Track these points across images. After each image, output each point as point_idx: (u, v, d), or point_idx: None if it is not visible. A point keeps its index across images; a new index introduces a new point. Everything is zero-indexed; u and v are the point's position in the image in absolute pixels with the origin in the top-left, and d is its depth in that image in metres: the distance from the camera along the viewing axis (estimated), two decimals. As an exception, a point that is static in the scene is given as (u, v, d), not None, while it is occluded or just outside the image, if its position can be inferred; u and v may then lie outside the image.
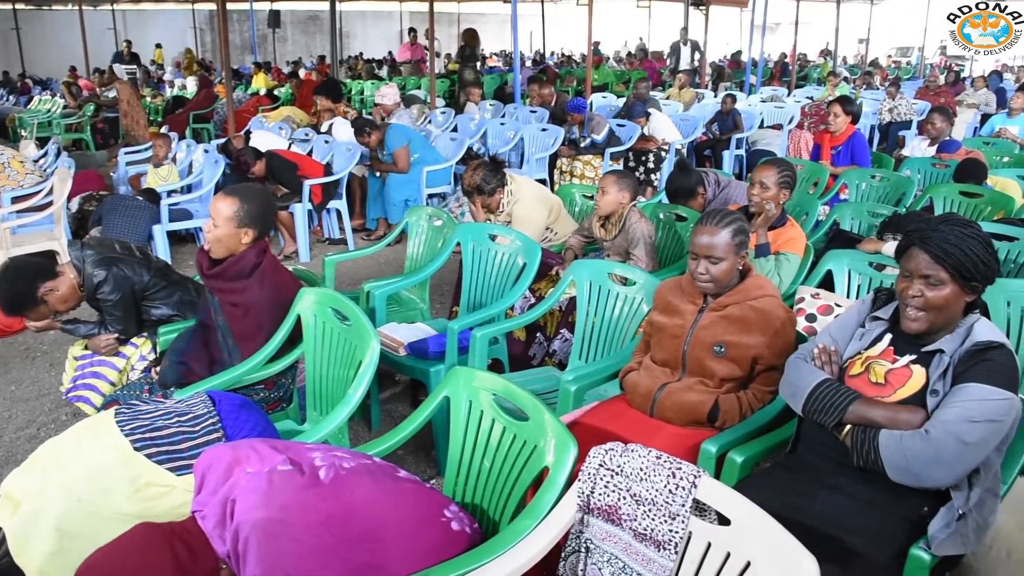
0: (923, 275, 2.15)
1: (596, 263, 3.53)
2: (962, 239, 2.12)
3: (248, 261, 3.06)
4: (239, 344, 3.08)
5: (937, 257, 2.13)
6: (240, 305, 3.08)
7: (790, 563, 1.56)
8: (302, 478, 1.92)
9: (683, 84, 12.03)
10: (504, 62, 24.07)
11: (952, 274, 2.12)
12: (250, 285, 3.05)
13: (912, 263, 2.18)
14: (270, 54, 24.38)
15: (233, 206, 3.01)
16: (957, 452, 1.99)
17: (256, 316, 3.07)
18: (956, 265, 2.11)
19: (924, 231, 2.17)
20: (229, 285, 3.08)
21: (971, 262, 2.11)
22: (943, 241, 2.12)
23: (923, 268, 2.15)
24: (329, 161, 7.43)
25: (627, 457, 1.87)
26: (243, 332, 3.09)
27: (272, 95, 14.06)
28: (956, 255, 2.11)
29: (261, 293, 3.06)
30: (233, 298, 3.08)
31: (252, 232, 3.05)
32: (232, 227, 3.01)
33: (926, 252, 2.14)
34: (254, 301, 3.06)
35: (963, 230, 2.14)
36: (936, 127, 6.88)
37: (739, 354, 2.59)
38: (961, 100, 12.06)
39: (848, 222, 4.81)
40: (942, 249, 2.12)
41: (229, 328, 3.11)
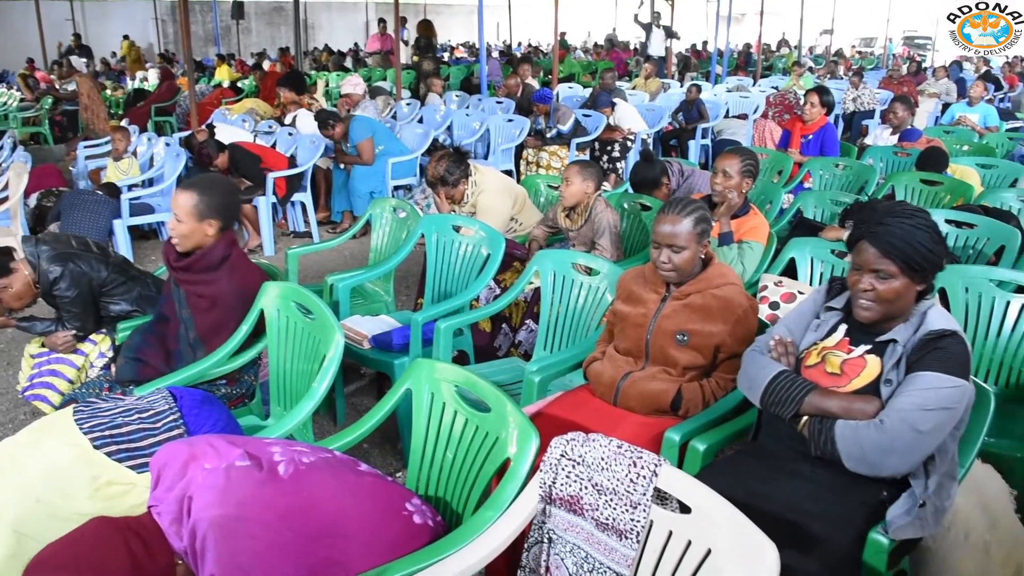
0: (873, 269, 2.15)
1: (560, 253, 3.53)
2: (909, 231, 2.12)
3: (217, 254, 3.01)
4: (203, 338, 3.03)
5: (885, 251, 2.12)
6: (207, 297, 3.04)
7: (750, 550, 1.57)
8: (260, 474, 1.89)
9: (649, 74, 12.05)
10: (471, 53, 23.97)
11: (901, 267, 2.12)
12: (219, 278, 3.02)
13: (861, 257, 2.18)
14: (234, 46, 24.11)
15: (193, 199, 2.96)
16: (911, 440, 2.01)
17: (223, 310, 3.03)
18: (904, 258, 2.11)
19: (872, 225, 2.16)
20: (197, 277, 3.04)
21: (919, 254, 2.11)
22: (889, 235, 2.12)
23: (872, 262, 2.15)
24: (293, 153, 7.36)
25: (588, 447, 1.86)
26: (209, 326, 3.04)
27: (236, 87, 13.88)
28: (904, 248, 2.11)
29: (229, 286, 3.02)
30: (200, 290, 3.04)
31: (216, 223, 3.00)
32: (195, 220, 2.96)
33: (874, 246, 2.14)
34: (221, 294, 3.02)
35: (910, 222, 2.13)
36: (898, 116, 6.94)
37: (702, 342, 2.60)
38: (923, 90, 12.21)
39: (811, 210, 4.84)
40: (889, 243, 2.12)
41: (194, 321, 3.06)
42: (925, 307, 2.20)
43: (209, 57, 20.66)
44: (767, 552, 1.54)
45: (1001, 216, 4.35)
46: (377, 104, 9.24)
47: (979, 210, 4.39)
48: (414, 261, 4.68)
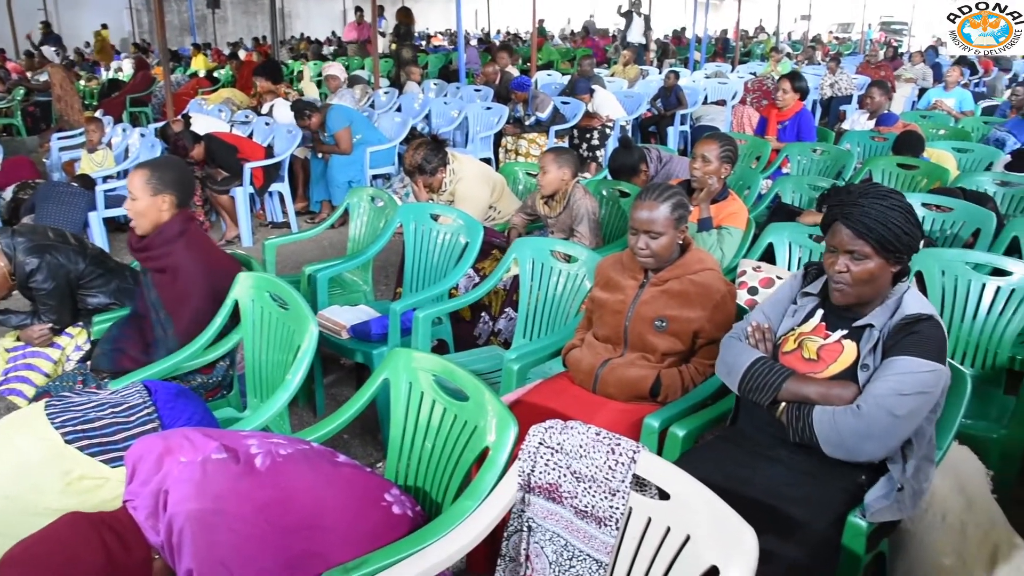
0: (847, 250, 2.14)
1: (538, 240, 3.52)
2: (883, 212, 2.11)
3: (173, 228, 3.03)
4: (171, 314, 3.03)
5: (859, 232, 2.12)
6: (168, 270, 3.04)
7: (729, 535, 1.57)
8: (237, 466, 1.87)
9: (627, 61, 12.04)
10: (449, 41, 23.87)
11: (875, 248, 2.11)
12: (175, 248, 3.02)
13: (836, 239, 2.17)
14: (210, 35, 23.87)
15: (145, 175, 3.00)
16: (888, 425, 2.01)
17: (185, 279, 3.02)
18: (879, 239, 2.10)
19: (846, 206, 2.16)
20: (156, 253, 3.05)
21: (893, 235, 2.10)
22: (864, 216, 2.11)
23: (847, 243, 2.14)
24: (270, 143, 7.30)
25: (567, 434, 1.86)
26: (173, 298, 3.04)
27: (212, 77, 13.76)
28: (878, 229, 2.10)
29: (188, 255, 3.02)
30: (160, 263, 3.05)
31: (169, 197, 3.02)
32: (148, 195, 2.99)
33: (848, 227, 2.13)
34: (181, 263, 3.02)
35: (884, 203, 2.13)
36: (875, 100, 6.96)
37: (680, 328, 2.60)
38: (899, 75, 12.26)
39: (789, 195, 4.86)
40: (864, 224, 2.11)
41: (160, 300, 3.06)
42: (901, 291, 2.20)
43: (185, 47, 20.46)
44: (746, 537, 1.54)
45: (977, 199, 4.38)
46: (354, 93, 9.17)
47: (958, 193, 4.42)
48: (393, 250, 4.65)
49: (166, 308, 3.03)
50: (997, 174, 5.06)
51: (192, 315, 3.00)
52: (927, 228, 4.17)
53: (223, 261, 3.17)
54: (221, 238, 6.74)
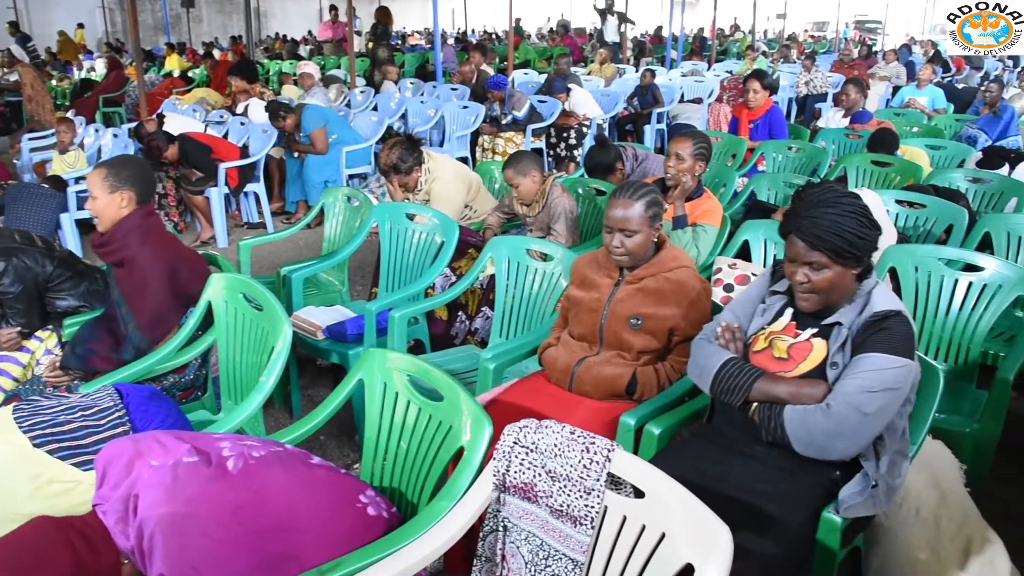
0: (805, 262, 2.14)
1: (514, 239, 3.51)
2: (835, 221, 2.09)
3: (131, 222, 3.03)
4: (131, 307, 3.02)
5: (813, 244, 2.11)
6: (125, 262, 3.04)
7: (704, 533, 1.56)
8: (209, 469, 1.85)
9: (604, 59, 12.06)
10: (427, 40, 23.82)
11: (832, 257, 2.11)
12: (131, 241, 3.02)
13: (792, 250, 2.17)
14: (184, 35, 23.67)
15: (102, 173, 3.02)
16: (858, 423, 2.02)
17: (140, 270, 3.01)
18: (833, 248, 2.09)
19: (798, 218, 2.15)
20: (113, 246, 3.05)
21: (847, 242, 2.09)
22: (815, 227, 2.10)
23: (803, 255, 2.14)
24: (245, 143, 7.25)
25: (541, 434, 1.85)
26: (131, 291, 3.02)
27: (186, 77, 13.64)
28: (831, 240, 2.09)
29: (144, 247, 3.01)
30: (118, 256, 3.05)
31: (128, 193, 3.02)
32: (106, 193, 3.00)
33: (802, 240, 2.13)
34: (136, 254, 3.01)
35: (834, 210, 2.11)
36: (850, 98, 7.01)
37: (656, 326, 2.60)
38: (874, 73, 12.35)
39: (765, 193, 4.88)
40: (815, 236, 2.10)
41: (122, 295, 3.05)
42: (869, 287, 2.20)
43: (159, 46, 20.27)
44: (721, 535, 1.54)
45: (949, 196, 4.42)
46: (328, 92, 9.12)
47: (929, 190, 4.46)
48: (370, 250, 4.63)
49: (127, 303, 3.02)
50: (969, 171, 5.11)
51: (153, 306, 2.98)
52: (901, 225, 4.20)
53: (185, 256, 3.16)
54: (196, 239, 6.69)
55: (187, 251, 3.23)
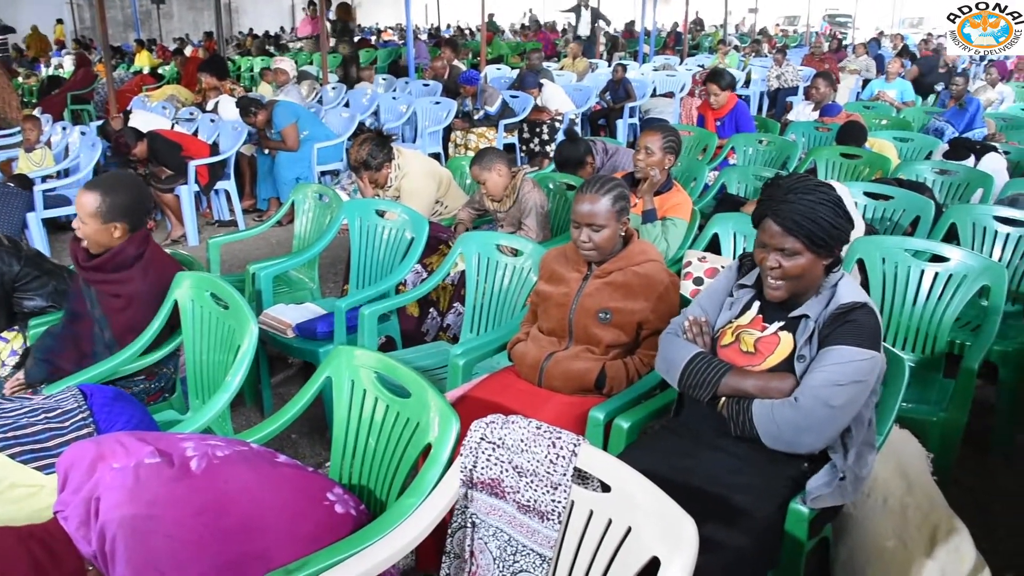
0: (778, 247, 2.15)
1: (484, 235, 3.51)
2: (812, 207, 2.11)
3: (128, 253, 2.88)
4: (119, 339, 2.90)
5: (789, 229, 2.12)
6: (122, 297, 2.91)
7: (670, 526, 1.57)
8: (171, 470, 1.83)
9: (576, 54, 12.07)
10: (399, 36, 23.72)
11: (806, 243, 2.12)
12: (132, 276, 2.89)
13: (766, 235, 2.17)
14: (155, 31, 23.43)
15: (95, 202, 2.80)
16: (825, 416, 2.03)
17: (139, 308, 2.91)
18: (808, 234, 2.11)
19: (775, 202, 2.15)
20: (109, 277, 2.90)
21: (822, 229, 2.11)
22: (793, 212, 2.11)
23: (777, 240, 2.14)
24: (216, 141, 7.19)
25: (508, 429, 1.85)
26: (124, 325, 2.91)
27: (156, 74, 13.50)
28: (807, 225, 2.10)
29: (145, 284, 2.90)
30: (114, 289, 2.91)
31: (122, 226, 2.85)
32: (98, 223, 2.81)
33: (778, 224, 2.13)
34: (137, 292, 2.90)
35: (811, 197, 2.13)
36: (820, 91, 7.05)
37: (624, 320, 2.60)
38: (844, 66, 12.44)
39: (735, 186, 4.90)
40: (792, 220, 2.11)
41: (108, 321, 2.93)
42: (835, 280, 2.21)
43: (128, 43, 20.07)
44: (686, 527, 1.54)
45: (915, 188, 4.46)
46: (301, 89, 9.06)
47: (896, 183, 4.50)
48: (342, 247, 4.60)
49: (112, 331, 2.91)
50: (936, 163, 5.16)
51: (132, 321, 2.90)
52: (868, 217, 4.24)
53: (171, 270, 3.00)
54: (166, 237, 6.64)
55: (172, 265, 3.07)
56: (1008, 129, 6.89)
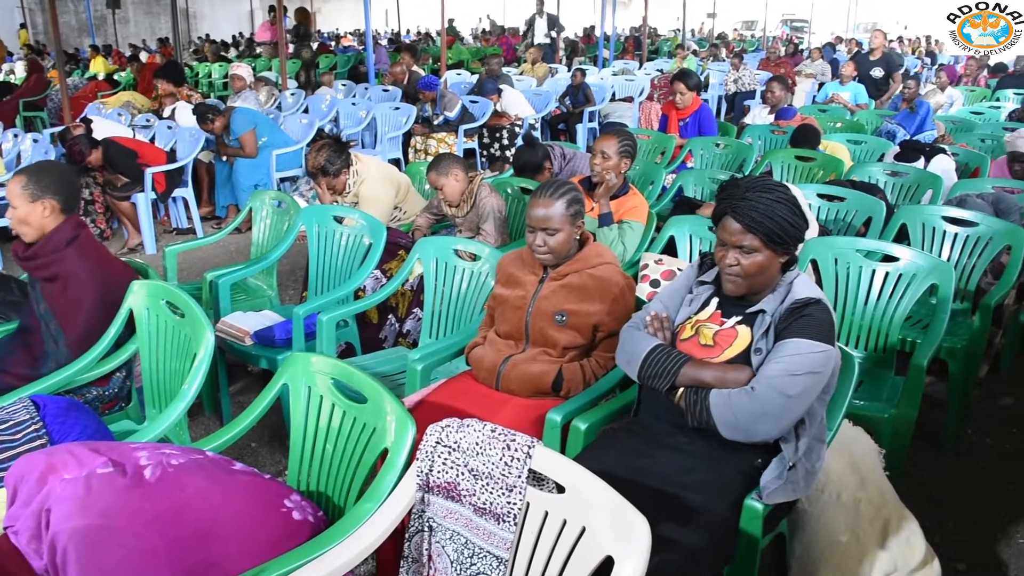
0: (737, 245, 2.20)
1: (441, 240, 3.52)
2: (770, 205, 2.17)
3: (63, 235, 2.91)
4: (62, 325, 2.90)
5: (748, 226, 2.17)
6: (59, 278, 2.91)
7: (622, 525, 1.59)
8: (124, 479, 1.82)
9: (535, 59, 12.11)
10: (359, 41, 23.62)
11: (764, 241, 2.17)
12: (67, 255, 2.90)
13: (725, 233, 2.23)
14: (110, 36, 23.08)
15: (21, 182, 2.88)
16: (781, 405, 2.07)
17: (76, 288, 2.90)
18: (766, 232, 2.16)
19: (734, 200, 2.21)
20: (45, 260, 2.91)
21: (780, 227, 2.17)
22: (751, 210, 2.17)
23: (736, 237, 2.20)
24: (173, 147, 7.11)
25: (463, 433, 1.86)
26: (64, 308, 2.91)
27: (112, 80, 13.32)
28: (765, 223, 2.16)
29: (80, 264, 2.90)
30: (51, 271, 2.91)
31: (51, 202, 2.88)
32: (26, 202, 2.86)
33: (737, 222, 2.19)
34: (72, 271, 2.89)
35: (770, 196, 2.19)
36: (775, 95, 7.16)
37: (580, 322, 2.62)
38: (800, 70, 12.62)
39: (691, 189, 4.96)
40: (751, 218, 2.17)
41: (51, 310, 2.92)
42: (791, 277, 2.27)
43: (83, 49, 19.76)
44: (638, 526, 1.56)
45: (868, 189, 4.55)
46: (259, 95, 9.00)
47: (848, 184, 4.58)
48: (301, 254, 4.58)
49: (57, 319, 2.89)
50: (888, 164, 5.27)
51: (85, 325, 2.87)
52: (822, 218, 4.31)
53: (119, 270, 3.04)
54: (123, 246, 6.55)
55: (119, 265, 3.11)
56: (957, 132, 7.04)
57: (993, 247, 3.80)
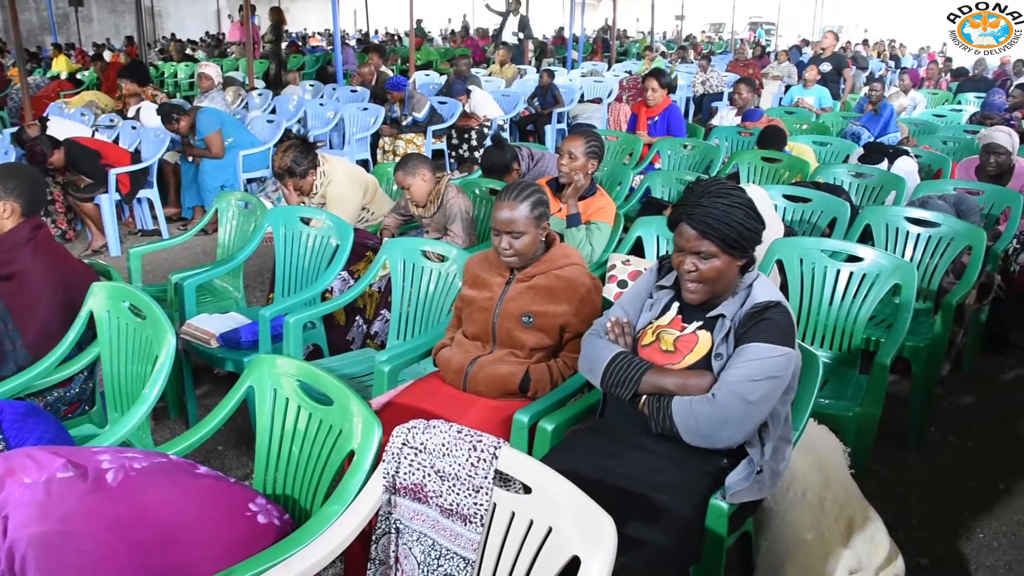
0: (694, 251, 2.19)
1: (409, 241, 3.50)
2: (725, 210, 2.16)
3: (20, 235, 2.88)
4: (19, 325, 2.85)
5: (704, 232, 2.16)
6: (15, 277, 2.87)
7: (589, 525, 1.59)
8: (85, 484, 1.79)
9: (503, 60, 12.11)
10: (327, 41, 23.48)
11: (721, 246, 2.17)
12: (22, 254, 2.87)
13: (682, 239, 2.22)
14: (73, 35, 22.74)
15: None
16: (743, 411, 2.08)
17: (33, 287, 2.86)
18: (722, 237, 2.16)
19: (689, 207, 2.20)
20: (1, 259, 2.88)
21: (736, 232, 2.16)
22: (707, 216, 2.16)
23: (693, 244, 2.19)
24: (137, 148, 7.02)
25: (429, 434, 1.85)
26: (21, 308, 2.86)
27: (75, 79, 13.13)
28: (721, 228, 2.15)
29: (35, 263, 2.87)
30: (6, 270, 2.87)
31: (12, 205, 2.88)
32: None
33: (693, 228, 2.18)
34: (27, 270, 2.86)
35: (725, 200, 2.18)
36: (742, 97, 7.22)
37: (547, 323, 2.63)
38: (767, 72, 12.74)
39: (659, 190, 4.98)
40: (707, 224, 2.16)
41: (7, 310, 2.87)
42: (750, 280, 2.27)
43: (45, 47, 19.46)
44: (605, 525, 1.57)
45: (833, 191, 4.60)
46: (226, 95, 8.91)
47: (813, 186, 4.63)
48: (269, 256, 4.54)
49: (14, 319, 2.85)
50: (852, 166, 5.33)
51: (42, 326, 2.84)
52: (788, 219, 4.35)
53: (78, 270, 3.00)
54: (87, 248, 6.47)
55: (79, 265, 3.08)
56: (920, 134, 7.15)
57: (954, 247, 3.86)
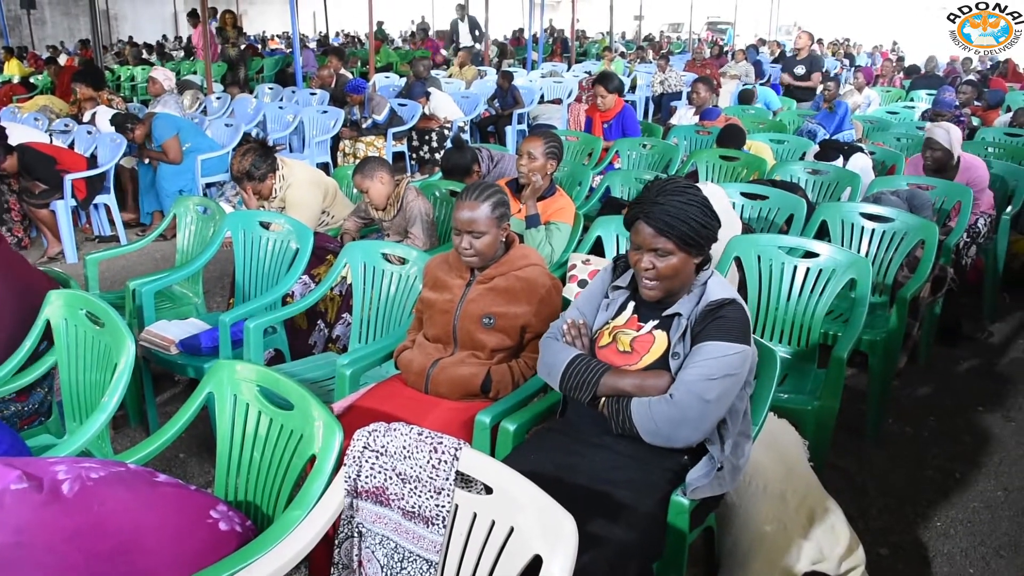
0: (651, 248, 2.21)
1: (369, 244, 3.49)
2: (682, 208, 2.18)
3: None
4: None
5: (661, 230, 2.18)
6: None
7: (550, 524, 1.60)
8: (41, 495, 1.76)
9: (463, 62, 12.12)
10: (286, 44, 23.31)
11: (678, 244, 2.18)
12: None
13: (639, 237, 2.23)
14: (26, 38, 22.33)
15: None
16: (700, 411, 2.10)
17: None
18: (679, 235, 2.17)
19: (646, 205, 2.22)
20: None
21: (692, 229, 2.18)
22: (664, 214, 2.18)
23: (650, 242, 2.20)
24: (93, 153, 6.92)
25: (390, 437, 1.85)
26: None
27: (28, 83, 12.92)
28: (678, 226, 2.17)
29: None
30: None
31: None
32: None
33: (650, 226, 2.19)
34: None
35: (681, 198, 2.20)
36: (700, 96, 7.26)
37: (508, 324, 2.64)
38: (725, 71, 12.85)
39: (619, 189, 5.02)
40: (664, 222, 2.17)
41: None
42: (705, 278, 2.29)
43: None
44: (565, 524, 1.58)
45: (790, 188, 4.66)
46: (181, 100, 8.80)
47: (770, 183, 4.69)
48: (229, 261, 4.51)
49: None
50: (808, 163, 5.40)
51: (2, 337, 2.78)
52: (746, 216, 4.40)
53: (35, 279, 2.96)
54: (43, 255, 6.37)
55: (35, 273, 3.03)
56: (873, 131, 7.26)
57: (908, 242, 3.93)
